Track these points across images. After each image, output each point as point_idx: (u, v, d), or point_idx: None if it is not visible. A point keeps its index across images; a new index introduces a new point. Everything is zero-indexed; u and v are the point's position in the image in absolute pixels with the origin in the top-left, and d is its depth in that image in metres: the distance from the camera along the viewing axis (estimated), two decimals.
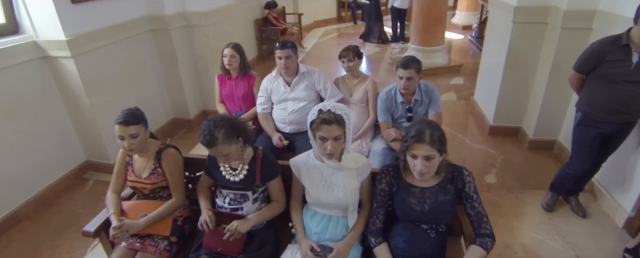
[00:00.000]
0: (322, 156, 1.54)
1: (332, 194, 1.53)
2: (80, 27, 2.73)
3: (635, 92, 1.95)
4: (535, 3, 2.87)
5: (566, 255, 2.23)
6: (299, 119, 2.50)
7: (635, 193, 2.26)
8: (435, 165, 1.34)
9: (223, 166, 1.61)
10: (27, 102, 2.67)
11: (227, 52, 2.70)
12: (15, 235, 2.52)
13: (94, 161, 3.17)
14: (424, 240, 1.46)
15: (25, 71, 2.64)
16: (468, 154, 3.35)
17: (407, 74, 2.17)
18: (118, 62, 3.14)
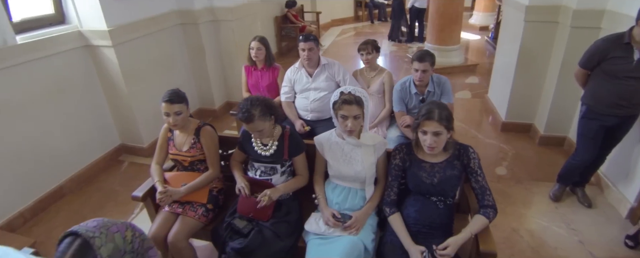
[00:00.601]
0: (343, 134, 1.72)
1: (351, 167, 1.72)
2: (120, 18, 2.99)
3: (636, 87, 2.06)
4: (546, 2, 2.98)
5: (570, 241, 2.35)
6: (320, 107, 2.70)
7: (638, 185, 2.37)
8: (443, 140, 1.51)
9: (255, 142, 1.82)
10: (72, 86, 2.94)
11: (254, 44, 2.91)
12: (61, 207, 2.79)
13: (129, 144, 3.43)
14: (433, 211, 1.63)
15: (70, 57, 2.91)
16: (480, 148, 3.47)
17: (422, 67, 2.33)
18: (151, 53, 3.40)
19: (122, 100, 3.20)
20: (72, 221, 2.58)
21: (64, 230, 0.91)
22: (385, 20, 9.64)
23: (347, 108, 1.61)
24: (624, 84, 2.08)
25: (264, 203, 1.67)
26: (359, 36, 8.40)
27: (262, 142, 1.82)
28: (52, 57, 2.75)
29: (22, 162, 2.59)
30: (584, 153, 2.37)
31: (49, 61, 2.73)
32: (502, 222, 2.48)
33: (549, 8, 3.00)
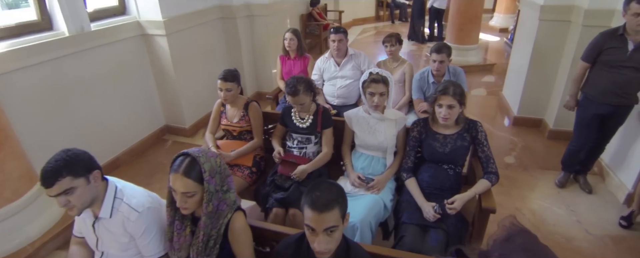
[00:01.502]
0: (369, 109, 2.05)
1: (375, 138, 2.04)
2: (172, 11, 3.40)
3: (630, 77, 2.31)
4: (560, 2, 3.21)
5: (568, 220, 2.60)
6: (346, 94, 3.03)
7: (636, 172, 2.59)
8: (456, 113, 1.82)
9: (294, 116, 2.17)
10: (129, 70, 3.36)
11: (287, 35, 3.27)
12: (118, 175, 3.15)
13: (172, 125, 3.85)
14: (444, 176, 1.93)
15: (129, 44, 3.34)
16: (492, 140, 3.63)
17: (439, 58, 2.63)
18: (196, 42, 3.81)
19: (169, 84, 3.62)
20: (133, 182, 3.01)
21: None
22: (406, 20, 9.86)
23: (375, 86, 1.94)
24: (619, 73, 2.33)
25: (298, 178, 2.01)
26: (380, 35, 8.66)
27: (300, 116, 2.17)
28: (116, 44, 3.19)
29: (89, 133, 3.02)
30: (578, 139, 2.64)
31: (113, 47, 3.16)
32: (506, 202, 2.75)
33: (562, 7, 3.24)
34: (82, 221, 1.38)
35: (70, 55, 2.79)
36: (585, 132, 2.60)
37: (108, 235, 1.32)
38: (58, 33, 2.74)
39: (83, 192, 1.22)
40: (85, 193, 1.22)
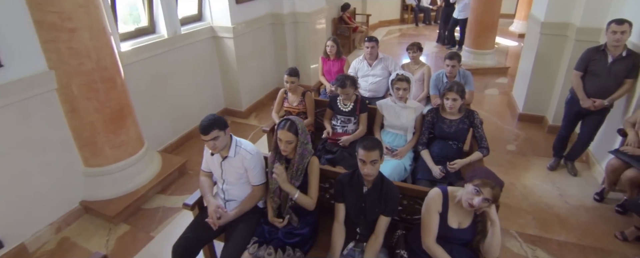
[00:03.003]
0: (395, 100, 2.81)
1: (399, 120, 2.80)
2: (238, 18, 4.25)
3: (608, 84, 2.94)
4: (557, 20, 3.84)
5: (552, 193, 3.26)
6: (375, 88, 3.78)
7: None
8: (458, 104, 2.54)
9: (340, 102, 2.95)
10: (202, 64, 4.24)
11: (329, 43, 4.04)
12: (192, 145, 4.11)
13: (231, 108, 4.72)
14: (449, 149, 2.66)
15: (204, 44, 4.21)
16: (498, 131, 4.37)
17: (451, 63, 3.34)
18: (253, 44, 4.66)
19: (231, 76, 4.48)
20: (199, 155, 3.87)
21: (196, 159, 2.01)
22: (429, 23, 10.45)
23: (400, 83, 2.70)
24: (599, 79, 2.97)
25: (344, 144, 2.80)
26: (404, 37, 9.32)
27: (344, 103, 2.94)
28: (195, 44, 4.06)
29: (175, 110, 3.92)
30: (566, 127, 3.34)
31: (193, 46, 4.03)
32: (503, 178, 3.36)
33: (559, 24, 3.87)
34: (211, 161, 2.20)
35: (167, 52, 3.68)
36: (568, 122, 3.29)
37: (230, 169, 2.12)
38: (160, 35, 3.63)
39: (222, 140, 2.02)
40: (223, 140, 2.03)
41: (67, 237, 2.79)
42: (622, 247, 2.64)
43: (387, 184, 1.89)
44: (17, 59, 2.39)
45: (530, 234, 2.77)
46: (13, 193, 2.52)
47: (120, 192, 3.04)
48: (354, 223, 1.92)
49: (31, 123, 2.56)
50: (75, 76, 2.67)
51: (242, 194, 2.16)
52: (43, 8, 2.46)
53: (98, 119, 2.84)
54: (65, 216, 2.87)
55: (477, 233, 1.75)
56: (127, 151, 3.08)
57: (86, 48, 2.64)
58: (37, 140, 2.61)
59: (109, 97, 2.86)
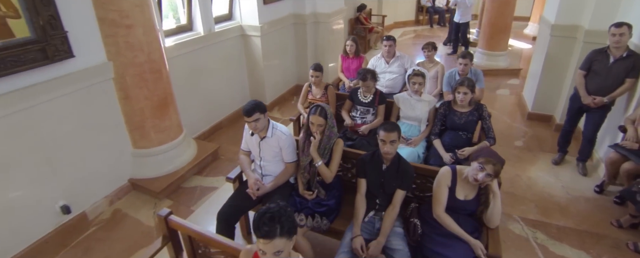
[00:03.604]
0: (411, 93, 3.11)
1: (414, 112, 3.10)
2: (265, 18, 4.61)
3: (608, 83, 3.18)
4: (567, 22, 4.07)
5: (555, 185, 3.50)
6: (392, 84, 4.08)
7: None
8: (469, 98, 2.83)
9: (360, 94, 3.26)
10: (231, 60, 4.61)
11: (348, 42, 4.35)
12: (223, 132, 4.49)
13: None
14: (459, 139, 2.95)
15: (233, 42, 4.58)
16: (507, 129, 4.61)
17: (464, 62, 3.62)
18: (278, 42, 5.01)
19: (257, 72, 4.85)
20: (232, 141, 4.25)
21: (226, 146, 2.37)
22: (444, 25, 10.64)
23: (416, 78, 3.00)
24: (600, 78, 3.22)
25: (363, 132, 3.12)
26: (418, 38, 9.55)
27: (364, 95, 3.26)
28: (226, 41, 4.43)
29: (208, 102, 4.30)
30: (569, 122, 3.60)
31: (224, 43, 4.40)
32: (509, 170, 3.68)
33: (568, 27, 4.09)
34: (250, 141, 2.54)
35: (202, 48, 4.06)
36: (571, 117, 3.53)
37: (267, 148, 2.46)
38: (197, 33, 4.01)
39: (262, 122, 2.36)
40: (262, 122, 2.37)
41: (119, 209, 3.19)
42: (616, 232, 2.88)
43: (403, 162, 2.20)
44: (84, 51, 2.78)
45: (531, 219, 3.04)
46: (78, 168, 2.92)
47: (162, 172, 3.42)
48: (374, 196, 2.23)
49: (92, 107, 2.96)
50: (129, 67, 3.05)
51: (277, 170, 2.51)
52: (106, 7, 2.85)
53: (147, 106, 3.22)
54: (117, 191, 3.27)
55: (481, 204, 2.05)
56: (169, 135, 3.46)
57: (139, 42, 3.02)
58: (96, 123, 3.01)
59: (156, 87, 3.24)
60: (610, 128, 3.53)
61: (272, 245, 1.28)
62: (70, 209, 2.86)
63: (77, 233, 2.92)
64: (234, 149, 4.12)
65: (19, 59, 2.39)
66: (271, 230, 1.27)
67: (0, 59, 2.30)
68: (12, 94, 2.41)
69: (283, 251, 1.30)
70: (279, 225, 1.28)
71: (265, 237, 1.27)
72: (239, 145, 2.68)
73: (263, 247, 1.29)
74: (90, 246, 2.81)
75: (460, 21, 7.34)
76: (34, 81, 2.52)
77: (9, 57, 2.34)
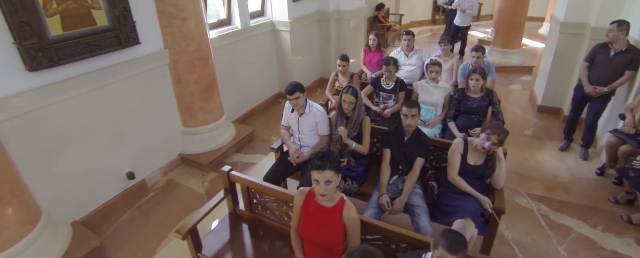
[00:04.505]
0: (429, 81, 3.49)
1: (431, 98, 3.48)
2: (294, 14, 5.04)
3: (608, 74, 3.50)
4: (575, 20, 4.37)
5: (560, 167, 3.82)
6: (411, 76, 4.45)
7: None
8: (480, 84, 3.20)
9: (383, 82, 3.66)
10: (263, 53, 5.06)
11: (371, 36, 4.75)
12: (253, 119, 4.94)
13: (283, 92, 5.52)
14: (472, 121, 3.32)
15: (265, 36, 5.03)
16: (518, 119, 4.93)
17: (477, 55, 3.97)
18: (304, 36, 5.44)
19: (285, 64, 5.29)
20: (264, 125, 4.70)
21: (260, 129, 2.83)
22: None
23: (433, 66, 3.39)
24: (602, 70, 3.54)
25: (386, 116, 3.52)
26: (435, 36, 9.85)
27: (387, 82, 3.65)
28: (258, 35, 4.88)
29: (243, 89, 4.76)
30: (574, 110, 3.91)
31: (257, 37, 4.86)
32: (518, 154, 4.03)
33: (577, 24, 4.40)
34: (290, 117, 2.96)
35: (239, 41, 4.52)
36: (577, 106, 3.87)
37: (305, 123, 2.88)
38: (234, 27, 4.48)
39: (301, 100, 2.78)
40: (302, 100, 2.79)
41: (172, 179, 3.67)
42: (613, 207, 3.20)
43: (422, 135, 2.59)
44: (147, 39, 3.25)
45: (536, 194, 3.38)
46: (139, 140, 3.40)
47: (207, 149, 3.89)
48: (397, 163, 2.63)
49: (151, 88, 3.43)
50: (182, 54, 3.52)
51: (313, 142, 2.93)
52: (165, 1, 3.32)
53: (196, 90, 3.69)
54: (169, 164, 3.75)
55: (488, 168, 2.43)
56: (213, 117, 3.93)
57: (191, 33, 3.49)
58: (154, 102, 3.48)
59: (204, 73, 3.71)
60: (611, 117, 3.84)
61: (324, 174, 1.69)
62: (135, 175, 3.34)
63: (139, 197, 3.40)
64: (267, 132, 4.57)
65: (99, 43, 2.88)
66: (323, 163, 1.68)
67: (87, 43, 2.79)
68: (94, 73, 2.89)
69: (332, 181, 1.72)
70: (328, 161, 1.70)
71: (319, 169, 1.69)
72: (270, 129, 3.14)
73: (317, 177, 1.71)
74: (151, 207, 3.29)
75: (461, 25, 7.27)
76: (110, 63, 3.00)
77: (93, 42, 2.83)
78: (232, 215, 2.50)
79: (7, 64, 2.39)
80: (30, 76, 2.50)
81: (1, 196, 2.30)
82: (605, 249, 2.75)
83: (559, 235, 2.89)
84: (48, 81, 2.61)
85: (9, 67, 2.40)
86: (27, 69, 2.47)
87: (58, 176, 2.82)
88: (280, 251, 2.20)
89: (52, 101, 2.66)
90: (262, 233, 2.34)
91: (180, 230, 2.08)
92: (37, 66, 2.48)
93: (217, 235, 2.35)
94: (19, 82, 2.47)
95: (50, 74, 2.61)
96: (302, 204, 1.88)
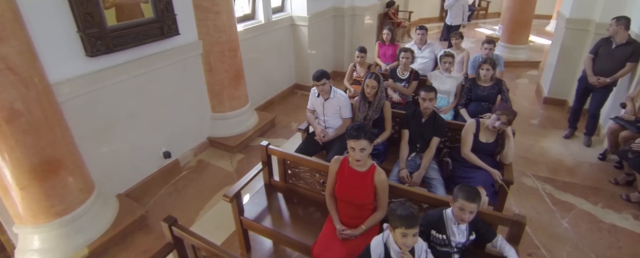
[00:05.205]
0: (442, 71, 3.77)
1: (444, 86, 3.75)
2: (312, 10, 5.33)
3: (610, 66, 3.75)
4: (580, 16, 4.61)
5: (564, 152, 4.08)
6: (423, 68, 4.72)
7: None
8: (491, 73, 3.47)
9: (399, 71, 3.94)
10: (282, 47, 5.35)
11: (385, 31, 5.02)
12: (273, 107, 5.25)
13: (300, 83, 5.83)
14: (482, 108, 3.58)
15: (284, 31, 5.32)
16: (524, 110, 5.17)
17: (489, 47, 4.22)
18: (320, 31, 5.73)
19: (303, 57, 5.58)
20: (283, 113, 5.00)
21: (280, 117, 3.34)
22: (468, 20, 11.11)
23: (446, 57, 3.66)
24: (603, 62, 3.79)
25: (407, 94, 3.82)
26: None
27: (402, 72, 3.93)
28: (279, 29, 5.18)
29: (264, 79, 5.05)
30: (578, 100, 4.16)
31: (276, 32, 5.15)
32: (524, 140, 4.28)
33: (582, 20, 4.64)
34: (316, 102, 3.25)
35: (262, 34, 4.81)
36: (580, 96, 4.12)
37: (330, 106, 3.16)
38: (258, 21, 4.78)
39: (327, 86, 3.07)
40: (327, 86, 3.07)
41: (203, 159, 3.98)
42: (613, 188, 3.46)
43: (438, 116, 2.87)
44: (184, 30, 3.55)
45: (542, 175, 3.65)
46: (175, 123, 3.72)
47: (233, 133, 4.20)
48: (415, 142, 2.91)
49: (186, 76, 3.74)
50: (214, 45, 3.83)
51: (336, 124, 3.22)
52: None
53: (225, 78, 4.00)
54: (199, 146, 4.06)
55: (498, 146, 2.70)
56: (239, 103, 4.23)
57: (224, 26, 3.79)
58: (188, 88, 3.79)
59: (233, 62, 4.01)
60: (613, 107, 4.09)
61: (359, 143, 1.98)
62: (171, 154, 3.66)
63: (173, 175, 3.72)
64: (286, 119, 4.87)
65: (146, 33, 3.19)
66: (359, 133, 1.97)
67: (136, 33, 3.10)
68: (140, 60, 3.20)
69: (366, 149, 2.00)
70: (363, 132, 1.98)
71: (355, 138, 1.97)
72: (289, 116, 3.48)
73: (353, 145, 1.99)
74: (185, 183, 3.60)
75: (451, 24, 7.50)
76: (153, 51, 3.31)
77: (141, 32, 3.13)
78: (267, 185, 2.80)
79: (71, 50, 2.70)
80: (89, 61, 2.82)
81: (66, 166, 2.62)
82: (604, 222, 3.01)
83: (562, 210, 3.16)
84: (103, 66, 2.92)
85: (72, 53, 2.72)
86: (87, 55, 2.78)
87: (106, 152, 3.14)
88: (312, 215, 2.49)
89: (105, 84, 2.97)
90: (296, 200, 2.64)
91: (228, 195, 2.38)
92: (96, 52, 2.80)
93: (255, 203, 2.65)
94: (80, 66, 2.78)
95: (106, 60, 2.92)
96: (337, 170, 2.17)
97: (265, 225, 2.42)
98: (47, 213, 2.58)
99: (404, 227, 1.59)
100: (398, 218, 1.62)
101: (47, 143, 2.45)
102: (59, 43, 2.62)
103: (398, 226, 1.61)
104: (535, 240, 2.82)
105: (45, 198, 2.53)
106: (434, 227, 1.91)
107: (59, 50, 2.63)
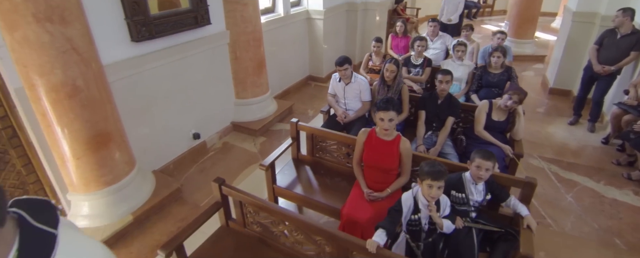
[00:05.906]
0: (455, 59, 4.01)
1: (456, 73, 3.98)
2: (328, 4, 5.58)
3: (615, 55, 3.97)
4: (586, 9, 4.83)
5: (569, 137, 4.30)
6: (435, 58, 4.95)
7: None
8: (501, 61, 3.70)
9: (413, 59, 4.18)
10: (298, 38, 5.61)
11: (398, 24, 5.27)
12: (290, 96, 5.51)
13: (314, 75, 6.08)
14: (492, 94, 3.82)
15: (300, 24, 5.58)
16: (530, 100, 5.36)
17: (501, 37, 4.44)
18: (334, 25, 5.98)
19: (317, 49, 5.84)
20: (299, 101, 5.26)
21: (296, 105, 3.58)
22: (475, 17, 11.33)
23: (459, 46, 3.91)
24: (608, 51, 4.01)
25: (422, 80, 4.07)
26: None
27: (416, 59, 4.18)
28: (296, 23, 5.44)
29: (281, 69, 5.31)
30: (583, 89, 4.38)
31: (294, 24, 5.41)
32: (531, 126, 4.51)
33: (588, 13, 4.85)
34: (337, 86, 3.50)
35: (280, 27, 5.07)
36: (585, 85, 4.34)
37: (350, 90, 3.41)
38: (278, 14, 5.04)
39: (349, 71, 3.32)
40: (349, 71, 3.33)
41: (227, 141, 4.25)
42: (615, 168, 3.69)
43: (453, 98, 3.12)
44: (214, 21, 3.81)
45: (547, 157, 3.88)
46: (203, 107, 3.98)
47: (255, 118, 4.46)
48: (431, 122, 3.15)
49: (214, 63, 4.01)
50: (241, 35, 4.09)
51: (356, 106, 3.47)
52: None
53: (249, 66, 4.26)
54: (223, 130, 4.33)
55: (509, 123, 2.94)
56: (261, 91, 4.50)
57: (250, 17, 4.05)
58: (215, 75, 4.06)
59: (256, 52, 4.27)
60: (616, 94, 4.30)
61: (388, 114, 2.23)
62: (200, 136, 3.93)
63: (201, 155, 3.99)
64: (303, 107, 5.13)
65: (182, 22, 3.45)
66: (387, 105, 2.23)
67: (174, 21, 3.36)
68: (176, 47, 3.47)
69: (393, 120, 2.26)
70: (391, 104, 2.24)
71: (384, 109, 2.23)
72: (305, 104, 3.78)
73: (382, 115, 2.25)
74: (213, 163, 3.87)
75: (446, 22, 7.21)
76: (188, 39, 3.57)
77: (178, 20, 3.40)
78: (295, 159, 3.05)
79: (119, 35, 2.97)
80: (134, 46, 3.09)
81: (115, 140, 2.89)
82: (606, 197, 3.24)
83: (567, 186, 3.39)
84: (146, 51, 3.19)
85: (120, 38, 2.99)
86: (133, 41, 3.05)
87: (144, 131, 3.41)
88: (339, 184, 2.75)
89: (146, 67, 3.24)
90: (323, 171, 2.89)
91: (264, 164, 2.64)
92: (141, 38, 3.07)
93: (285, 173, 2.91)
94: (126, 50, 3.05)
95: (148, 45, 3.19)
96: (365, 140, 2.43)
97: (296, 191, 2.68)
98: (98, 182, 2.86)
99: (430, 178, 1.84)
100: (426, 171, 1.87)
101: (100, 118, 2.72)
102: (110, 29, 2.89)
103: (425, 178, 1.86)
104: (541, 210, 3.06)
105: (97, 167, 2.80)
106: (454, 187, 2.16)
107: (110, 35, 2.90)
